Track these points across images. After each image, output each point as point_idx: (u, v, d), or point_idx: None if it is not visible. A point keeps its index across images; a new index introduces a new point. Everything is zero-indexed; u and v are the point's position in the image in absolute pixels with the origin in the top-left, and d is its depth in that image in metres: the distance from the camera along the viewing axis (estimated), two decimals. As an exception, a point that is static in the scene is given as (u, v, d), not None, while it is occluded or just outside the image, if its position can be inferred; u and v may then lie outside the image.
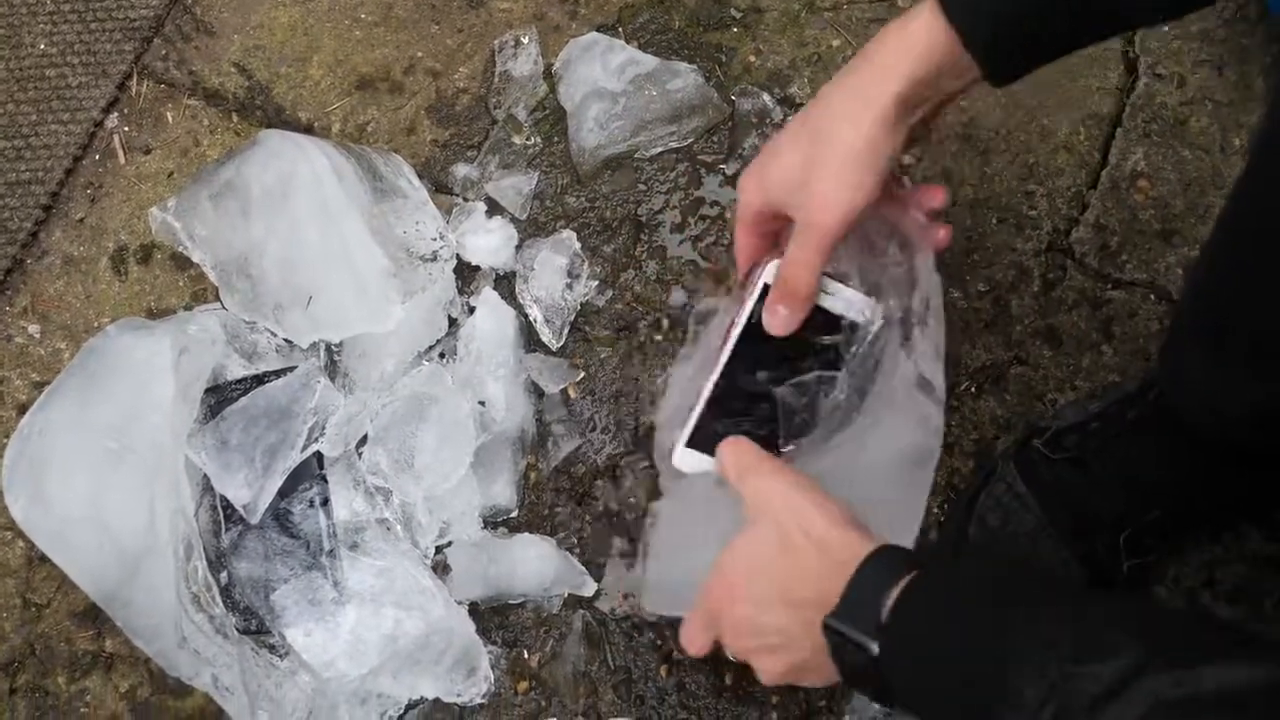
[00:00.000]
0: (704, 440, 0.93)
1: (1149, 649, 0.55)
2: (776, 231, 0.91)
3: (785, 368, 0.92)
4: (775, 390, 0.92)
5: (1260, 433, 0.91)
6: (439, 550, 1.15)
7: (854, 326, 0.92)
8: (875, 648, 0.69)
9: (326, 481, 1.13)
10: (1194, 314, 0.92)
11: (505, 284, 1.27)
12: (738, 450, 0.87)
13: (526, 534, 1.14)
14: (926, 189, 0.91)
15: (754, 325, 0.91)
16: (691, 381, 0.97)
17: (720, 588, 0.83)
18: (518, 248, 1.27)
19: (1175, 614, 0.66)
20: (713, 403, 0.93)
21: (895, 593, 0.70)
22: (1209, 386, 0.90)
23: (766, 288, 0.90)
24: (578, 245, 1.26)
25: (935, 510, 1.15)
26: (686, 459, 0.94)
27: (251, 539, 1.10)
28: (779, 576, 0.78)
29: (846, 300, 0.92)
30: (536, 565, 1.11)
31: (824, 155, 0.80)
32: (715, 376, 0.93)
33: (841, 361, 0.92)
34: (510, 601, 1.14)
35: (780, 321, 0.88)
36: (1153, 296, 1.21)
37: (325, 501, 1.12)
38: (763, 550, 0.80)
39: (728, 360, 0.92)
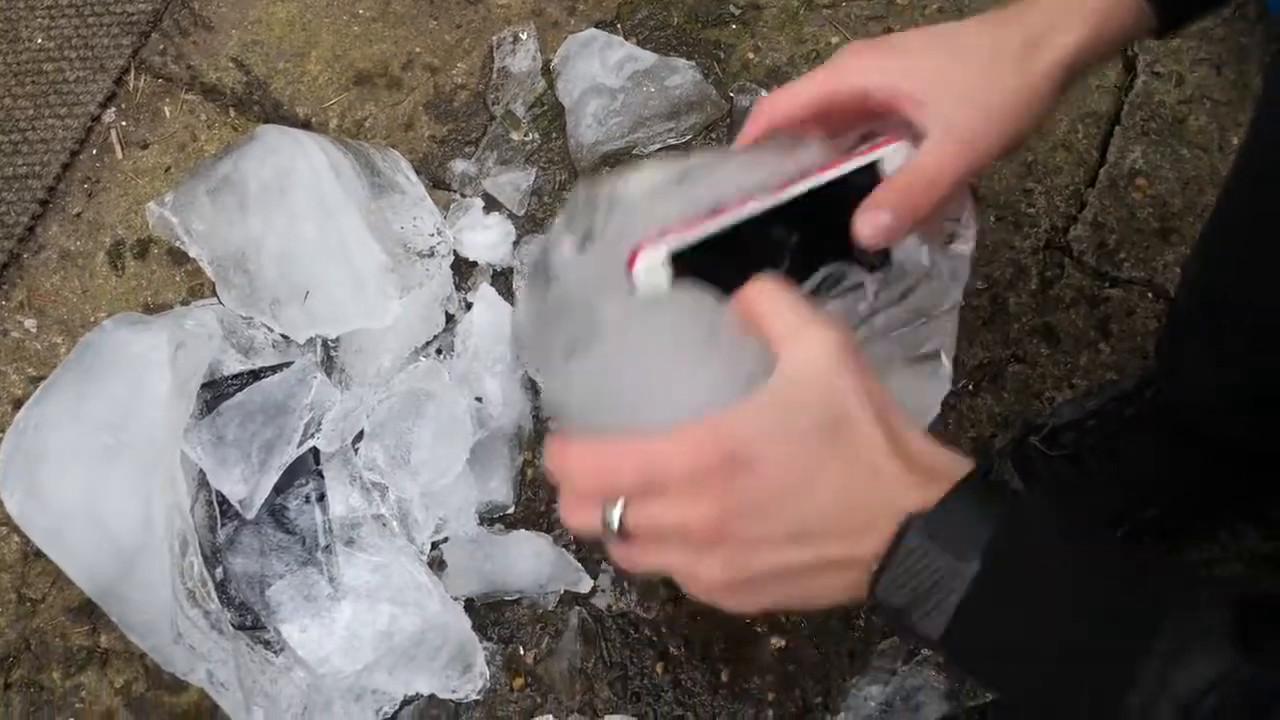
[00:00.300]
0: (695, 266, 0.66)
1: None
2: (838, 117, 0.74)
3: (829, 249, 0.71)
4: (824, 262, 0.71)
5: (1256, 428, 0.91)
6: (435, 546, 1.15)
7: (902, 267, 0.75)
8: (973, 568, 0.54)
9: (323, 477, 1.13)
10: (1190, 307, 0.92)
11: (503, 280, 1.26)
12: (780, 294, 0.62)
13: (523, 530, 1.14)
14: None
15: (838, 184, 0.70)
16: (709, 188, 0.70)
17: (716, 460, 0.56)
18: (515, 244, 1.26)
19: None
20: (732, 235, 0.68)
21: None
22: (1206, 380, 0.91)
23: (874, 169, 0.70)
24: (575, 241, 1.26)
25: (932, 508, 1.15)
26: (659, 274, 0.65)
27: (247, 534, 1.10)
28: (825, 465, 0.57)
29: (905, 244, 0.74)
30: (533, 562, 1.11)
31: (992, 83, 0.68)
32: (773, 201, 0.68)
33: (886, 280, 0.74)
34: (506, 598, 1.14)
35: (879, 228, 0.68)
36: (1150, 294, 1.21)
37: (321, 497, 1.12)
38: (802, 425, 0.57)
39: (779, 205, 0.69)
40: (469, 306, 1.22)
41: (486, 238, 1.25)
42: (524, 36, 1.39)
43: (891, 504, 0.56)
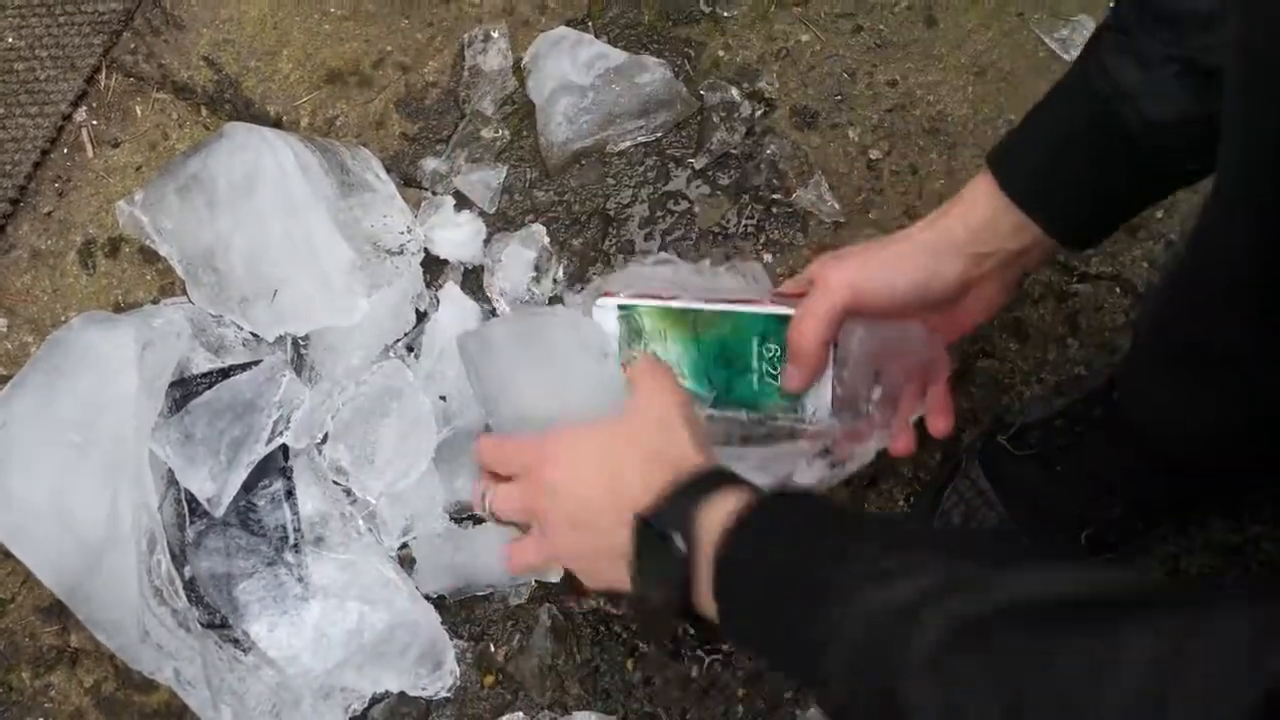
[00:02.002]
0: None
1: (950, 568, 0.57)
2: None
3: (738, 372, 0.99)
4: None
5: (1219, 454, 0.91)
6: (404, 545, 1.15)
7: (802, 413, 0.98)
8: (683, 547, 0.73)
9: (291, 476, 1.12)
10: (1150, 334, 0.93)
11: (474, 278, 1.27)
12: (656, 365, 0.90)
13: (491, 524, 1.14)
14: (944, 412, 0.97)
15: (759, 320, 0.97)
16: (679, 280, 1.05)
17: (550, 444, 0.85)
18: (486, 241, 1.27)
19: (986, 533, 0.69)
20: (676, 315, 0.99)
21: (718, 510, 0.73)
22: (1170, 408, 0.91)
23: (789, 318, 0.94)
24: (546, 239, 1.26)
25: (901, 503, 1.15)
26: (607, 315, 0.99)
27: (215, 533, 1.10)
28: (615, 455, 0.81)
29: (821, 390, 0.97)
30: (502, 554, 1.11)
31: (869, 248, 0.90)
32: (703, 306, 0.98)
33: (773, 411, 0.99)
34: (478, 593, 1.14)
35: (791, 379, 0.94)
36: (1119, 289, 1.21)
37: (290, 495, 1.11)
38: (612, 430, 0.83)
39: (722, 311, 0.98)
40: (440, 304, 1.22)
41: (457, 235, 1.25)
42: (495, 35, 1.39)
43: (636, 504, 0.77)
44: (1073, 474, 1.02)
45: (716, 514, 0.72)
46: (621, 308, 0.99)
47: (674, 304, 0.98)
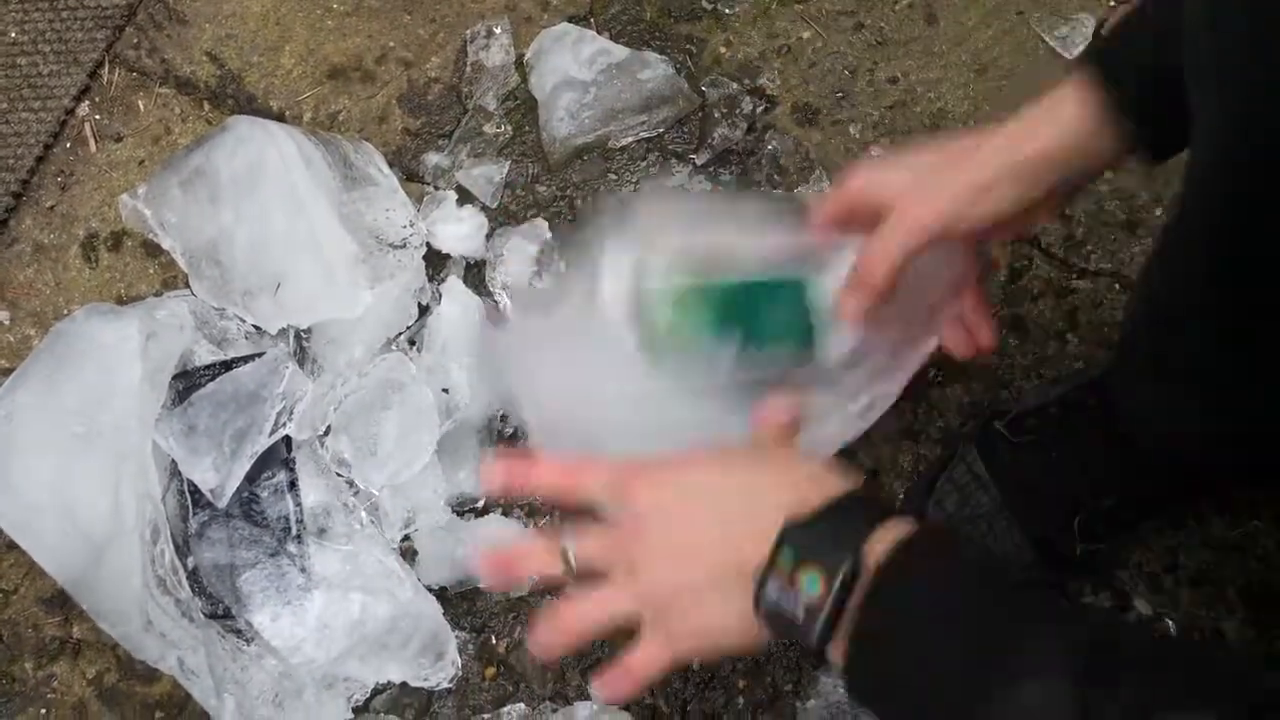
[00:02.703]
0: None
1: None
2: (853, 219, 0.88)
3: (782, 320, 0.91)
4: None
5: (1207, 449, 0.91)
6: (407, 537, 1.15)
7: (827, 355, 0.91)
8: (841, 576, 0.62)
9: (294, 468, 1.13)
10: (1132, 344, 0.93)
11: (476, 272, 1.27)
12: (782, 432, 0.78)
13: (493, 515, 1.15)
14: (987, 327, 0.91)
15: (784, 286, 0.91)
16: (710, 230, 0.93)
17: (647, 472, 0.73)
18: (488, 236, 1.27)
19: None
20: (702, 291, 0.89)
21: (882, 539, 0.63)
22: (1156, 409, 0.91)
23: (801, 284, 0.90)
24: (548, 234, 1.27)
25: (902, 497, 1.16)
26: (624, 295, 0.90)
27: (219, 524, 1.10)
28: (739, 469, 0.72)
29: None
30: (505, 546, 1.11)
31: (949, 171, 0.79)
32: (733, 279, 0.90)
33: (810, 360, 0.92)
34: (480, 584, 1.14)
35: (850, 308, 0.84)
36: (1117, 286, 1.22)
37: (293, 487, 1.12)
38: (722, 458, 0.73)
39: (749, 282, 0.90)
40: (442, 298, 1.23)
41: (459, 230, 1.25)
42: (497, 30, 1.39)
43: (768, 518, 0.66)
44: (1067, 462, 1.03)
45: (881, 546, 0.63)
46: (640, 291, 0.89)
47: (694, 282, 0.89)
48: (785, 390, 0.85)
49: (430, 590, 1.13)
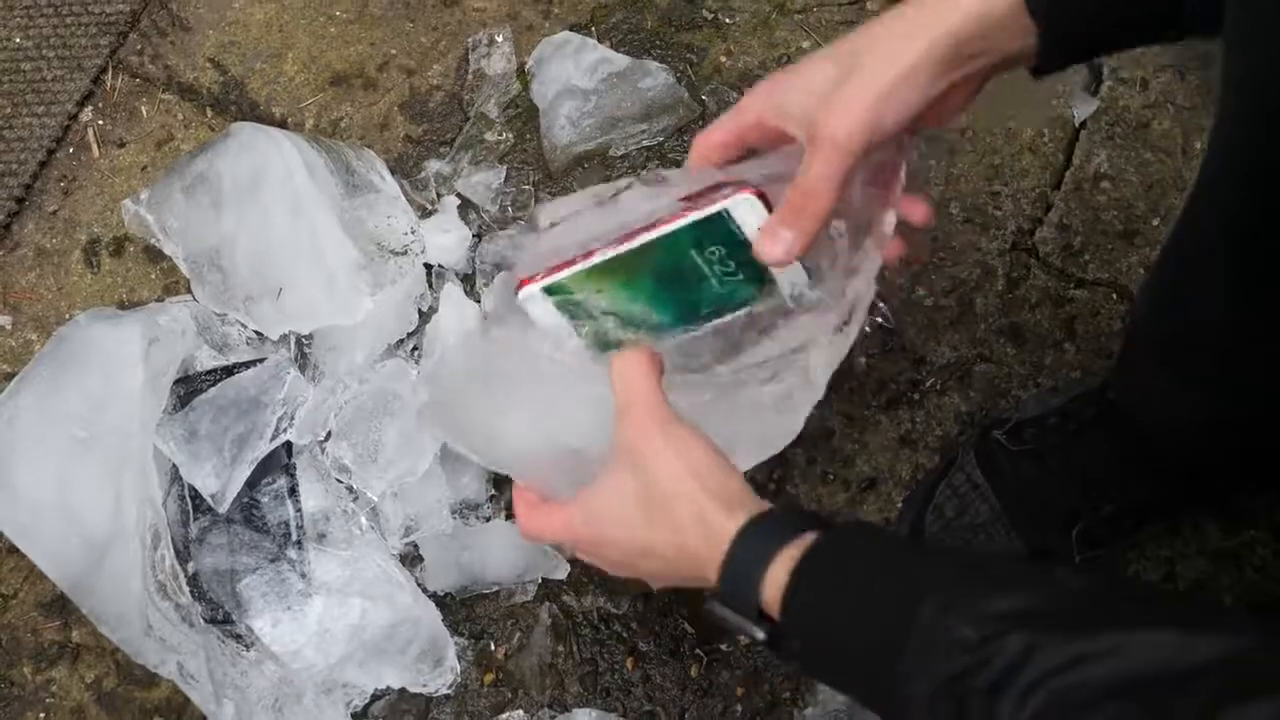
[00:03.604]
0: (576, 300, 0.85)
1: (1037, 625, 0.53)
2: (745, 149, 0.83)
3: (694, 286, 0.84)
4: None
5: (1212, 444, 0.92)
6: (410, 543, 1.15)
7: (773, 287, 0.84)
8: (760, 634, 0.69)
9: (294, 473, 1.13)
10: (1147, 324, 0.93)
11: (466, 284, 1.27)
12: (636, 367, 0.77)
13: (498, 521, 1.15)
14: (912, 199, 0.83)
15: (686, 232, 0.81)
16: (584, 229, 0.86)
17: (585, 536, 0.80)
18: (473, 249, 1.27)
19: (1067, 573, 0.61)
20: (603, 270, 0.83)
21: (781, 564, 0.67)
22: (1163, 396, 0.92)
23: (720, 215, 0.80)
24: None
25: (900, 505, 1.16)
26: (536, 304, 0.85)
27: (219, 529, 1.11)
28: (645, 540, 0.75)
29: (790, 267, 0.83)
30: (510, 552, 1.12)
31: (855, 77, 0.72)
32: (623, 248, 0.82)
33: (752, 302, 0.85)
34: (484, 591, 1.14)
35: (782, 247, 0.76)
36: (1115, 295, 1.22)
37: (293, 492, 1.12)
38: (628, 509, 0.75)
39: (646, 243, 0.82)
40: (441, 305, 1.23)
41: (444, 241, 1.25)
42: (499, 39, 1.40)
43: (698, 564, 0.72)
44: (1065, 471, 1.03)
45: (777, 574, 0.68)
46: (546, 290, 0.85)
47: (595, 260, 0.83)
48: (755, 330, 0.87)
49: (430, 596, 1.13)
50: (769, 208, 0.79)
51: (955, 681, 0.54)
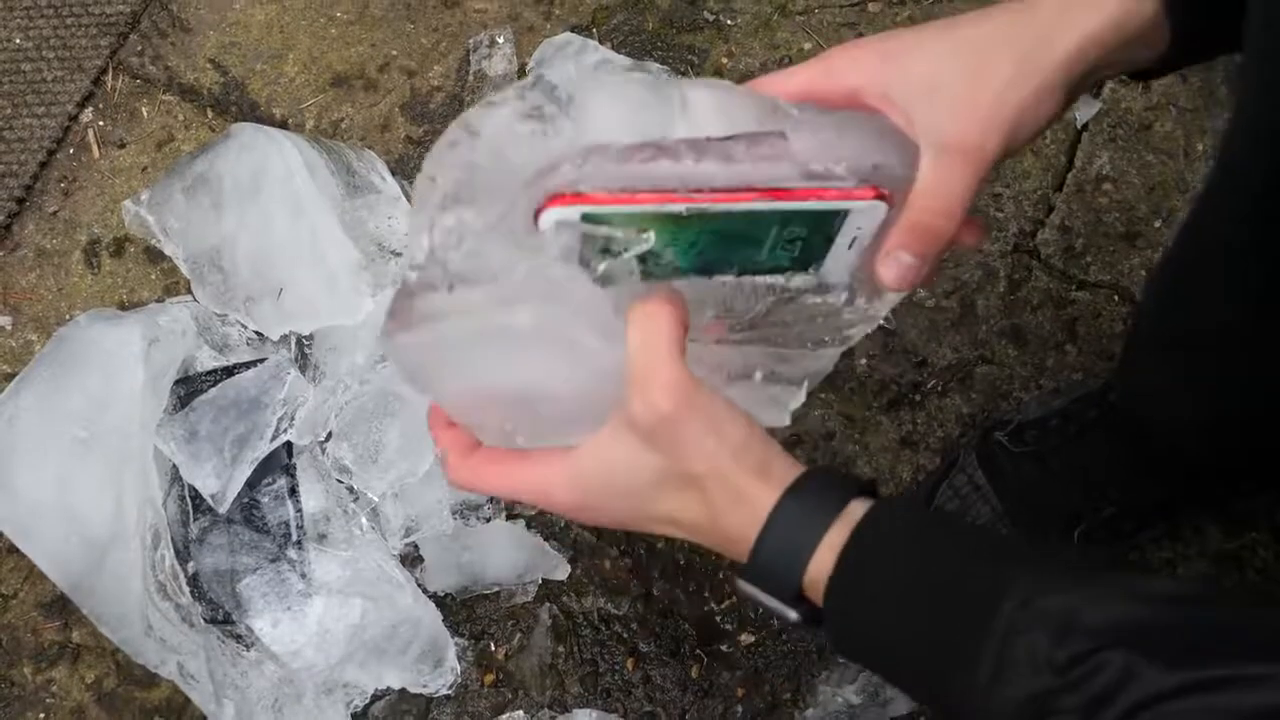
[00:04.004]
0: (608, 238, 0.64)
1: (1133, 642, 0.48)
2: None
3: (743, 249, 0.69)
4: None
5: (1213, 444, 0.92)
6: (411, 544, 1.15)
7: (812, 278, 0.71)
8: (793, 616, 0.61)
9: (295, 473, 1.13)
10: (1151, 323, 0.93)
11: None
12: (660, 322, 0.62)
13: (499, 522, 1.15)
14: (974, 221, 0.70)
15: (792, 213, 0.66)
16: (638, 135, 0.64)
17: (568, 501, 0.65)
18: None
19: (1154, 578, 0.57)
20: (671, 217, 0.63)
21: (826, 546, 0.59)
22: (1165, 396, 0.92)
23: (836, 215, 0.66)
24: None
25: (900, 506, 1.16)
26: (564, 229, 0.61)
27: (219, 529, 1.11)
28: (665, 514, 0.64)
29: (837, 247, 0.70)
30: (511, 552, 1.12)
31: (991, 83, 0.62)
32: (717, 207, 0.64)
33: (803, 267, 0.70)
34: (484, 592, 1.14)
35: (900, 272, 0.65)
36: (1116, 297, 1.22)
37: (294, 493, 1.12)
38: (643, 483, 0.64)
39: (740, 210, 0.65)
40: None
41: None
42: (500, 40, 1.40)
43: (736, 547, 0.62)
44: (1067, 472, 1.03)
45: (824, 556, 0.60)
46: (586, 218, 0.61)
47: (667, 207, 0.63)
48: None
49: (430, 597, 1.13)
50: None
51: (1038, 701, 0.50)
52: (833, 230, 0.68)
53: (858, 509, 0.60)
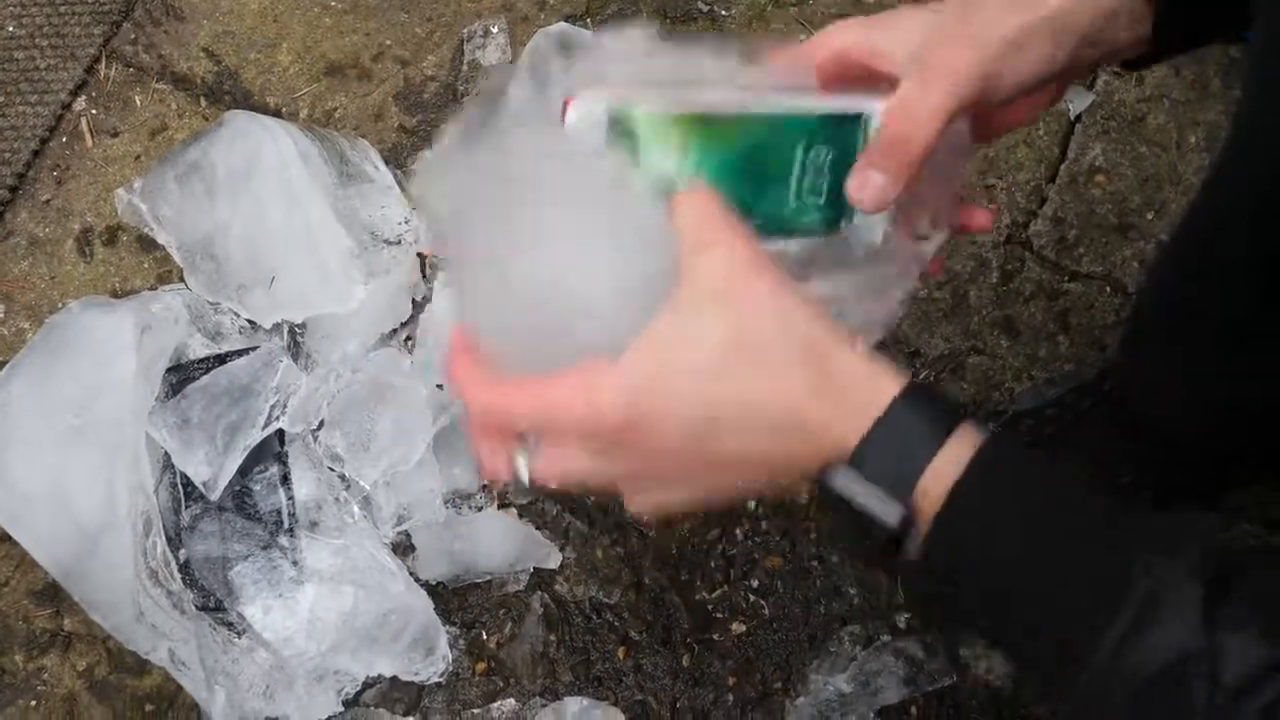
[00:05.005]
0: (638, 142, 0.63)
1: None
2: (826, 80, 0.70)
3: (768, 187, 0.67)
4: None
5: (1210, 436, 0.91)
6: (402, 532, 1.15)
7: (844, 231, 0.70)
8: (892, 521, 0.54)
9: (286, 461, 1.13)
10: (1151, 317, 0.93)
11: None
12: (714, 204, 0.57)
13: (490, 510, 1.15)
14: (972, 206, 0.75)
15: (811, 122, 0.65)
16: (681, 66, 0.66)
17: (616, 420, 0.54)
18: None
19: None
20: (696, 122, 0.64)
21: (947, 456, 0.53)
22: (1165, 389, 0.92)
23: (858, 120, 0.66)
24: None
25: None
26: (591, 131, 0.61)
27: (211, 516, 1.10)
28: (737, 398, 0.54)
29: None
30: (502, 542, 1.12)
31: (977, 17, 0.63)
32: (736, 108, 0.64)
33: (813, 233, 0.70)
34: (476, 580, 1.14)
35: (873, 191, 0.64)
36: (1109, 288, 1.23)
37: (285, 480, 1.12)
38: (711, 358, 0.54)
39: (762, 115, 0.65)
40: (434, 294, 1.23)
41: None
42: (494, 30, 1.40)
43: (818, 427, 0.54)
44: (1060, 463, 1.03)
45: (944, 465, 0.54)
46: (613, 114, 0.62)
47: (689, 108, 0.64)
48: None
49: (421, 585, 1.13)
50: None
51: (1187, 661, 0.47)
52: (857, 148, 0.66)
53: (981, 432, 0.55)
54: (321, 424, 1.14)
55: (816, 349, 0.55)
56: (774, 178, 0.67)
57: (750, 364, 0.54)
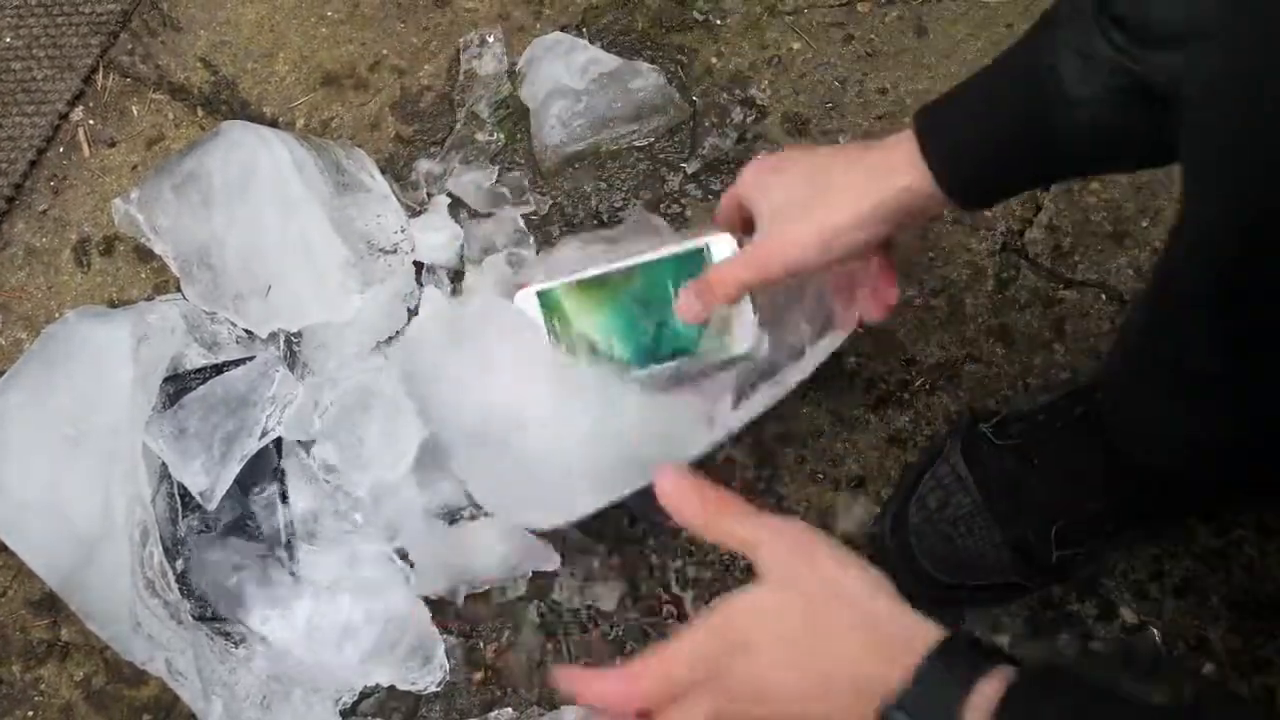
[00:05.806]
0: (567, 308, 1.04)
1: None
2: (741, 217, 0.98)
3: (661, 319, 1.03)
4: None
5: (1194, 465, 0.91)
6: (397, 545, 1.15)
7: (729, 342, 1.04)
8: None
9: (284, 472, 1.13)
10: (1129, 361, 0.92)
11: (458, 279, 1.28)
12: (732, 503, 0.70)
13: (484, 520, 1.15)
14: (888, 285, 0.94)
15: (668, 264, 1.03)
16: (588, 255, 1.10)
17: (720, 638, 0.66)
18: (463, 246, 1.27)
19: None
20: (590, 286, 1.04)
21: (984, 694, 0.59)
22: (1142, 422, 0.91)
23: (701, 251, 1.02)
24: (521, 224, 1.29)
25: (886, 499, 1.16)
26: (530, 304, 1.03)
27: (208, 527, 1.11)
28: (810, 655, 0.64)
29: (743, 319, 1.02)
30: (498, 548, 1.12)
31: (812, 209, 0.86)
32: (611, 268, 1.04)
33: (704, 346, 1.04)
34: (475, 590, 1.14)
35: (687, 308, 0.94)
36: (1104, 296, 1.23)
37: (283, 490, 1.12)
38: (789, 617, 0.65)
39: (630, 267, 1.03)
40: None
41: (433, 240, 1.25)
42: (490, 39, 1.40)
43: (875, 678, 0.62)
44: (1050, 468, 1.03)
45: (980, 700, 0.59)
46: (540, 294, 1.04)
47: (585, 275, 1.03)
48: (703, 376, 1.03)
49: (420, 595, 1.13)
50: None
51: None
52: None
53: (1010, 671, 0.61)
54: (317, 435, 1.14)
55: (868, 607, 0.65)
56: (655, 309, 1.03)
57: (826, 637, 0.65)
